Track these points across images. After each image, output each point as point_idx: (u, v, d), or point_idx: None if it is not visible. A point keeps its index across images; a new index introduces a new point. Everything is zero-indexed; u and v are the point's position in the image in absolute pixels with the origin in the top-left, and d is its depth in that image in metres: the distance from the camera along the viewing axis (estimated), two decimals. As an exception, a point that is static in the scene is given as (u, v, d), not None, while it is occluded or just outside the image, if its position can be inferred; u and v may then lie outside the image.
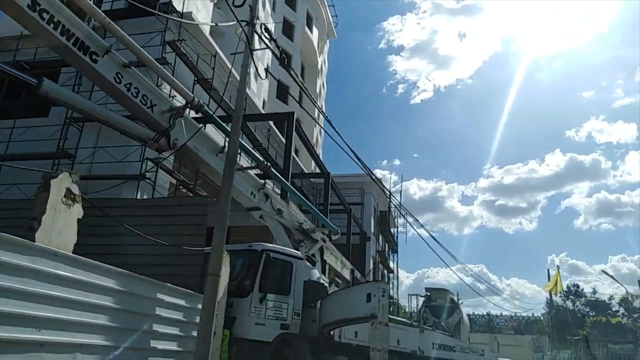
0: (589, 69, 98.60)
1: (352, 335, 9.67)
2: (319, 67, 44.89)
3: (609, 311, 47.91)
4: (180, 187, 12.86)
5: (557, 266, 31.34)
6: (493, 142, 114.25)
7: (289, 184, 11.12)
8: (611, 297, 34.94)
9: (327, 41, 49.23)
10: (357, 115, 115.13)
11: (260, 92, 29.06)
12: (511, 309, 69.80)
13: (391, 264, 33.23)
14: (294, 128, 14.51)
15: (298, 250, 8.71)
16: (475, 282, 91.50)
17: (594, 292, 47.01)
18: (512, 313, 66.85)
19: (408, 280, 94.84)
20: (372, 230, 28.10)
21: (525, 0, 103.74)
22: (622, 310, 48.26)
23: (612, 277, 25.68)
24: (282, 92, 33.61)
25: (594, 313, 45.25)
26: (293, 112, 15.17)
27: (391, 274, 32.98)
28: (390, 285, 32.78)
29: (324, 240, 9.22)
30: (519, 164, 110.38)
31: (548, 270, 33.83)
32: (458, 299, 66.94)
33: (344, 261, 19.65)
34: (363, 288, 8.67)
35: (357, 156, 15.90)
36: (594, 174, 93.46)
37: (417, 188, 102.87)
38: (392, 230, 34.24)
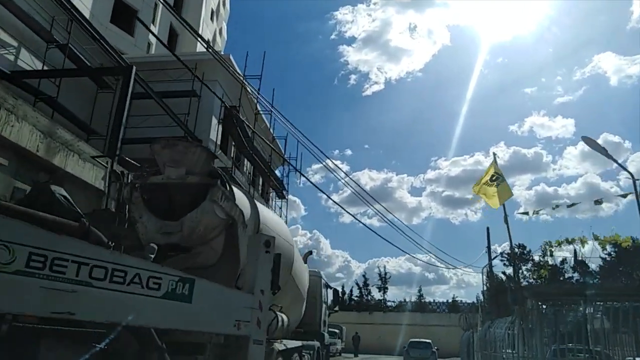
0: (532, 65, 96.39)
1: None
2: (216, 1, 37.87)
3: (562, 277, 41.44)
4: None
5: (494, 154, 15.54)
6: (441, 134, 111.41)
7: None
8: (564, 260, 27.87)
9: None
10: (310, 104, 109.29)
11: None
12: (457, 297, 63.83)
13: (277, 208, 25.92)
14: None
15: None
16: (424, 271, 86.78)
17: (543, 255, 40.27)
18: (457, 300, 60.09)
19: (359, 270, 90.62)
20: (215, 138, 18.43)
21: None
22: (576, 275, 41.91)
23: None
24: None
25: (540, 281, 38.67)
26: None
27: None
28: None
29: None
30: (466, 156, 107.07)
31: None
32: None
33: (88, 159, 11.24)
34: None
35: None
36: (536, 167, 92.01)
37: (368, 179, 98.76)
38: (283, 169, 27.19)
